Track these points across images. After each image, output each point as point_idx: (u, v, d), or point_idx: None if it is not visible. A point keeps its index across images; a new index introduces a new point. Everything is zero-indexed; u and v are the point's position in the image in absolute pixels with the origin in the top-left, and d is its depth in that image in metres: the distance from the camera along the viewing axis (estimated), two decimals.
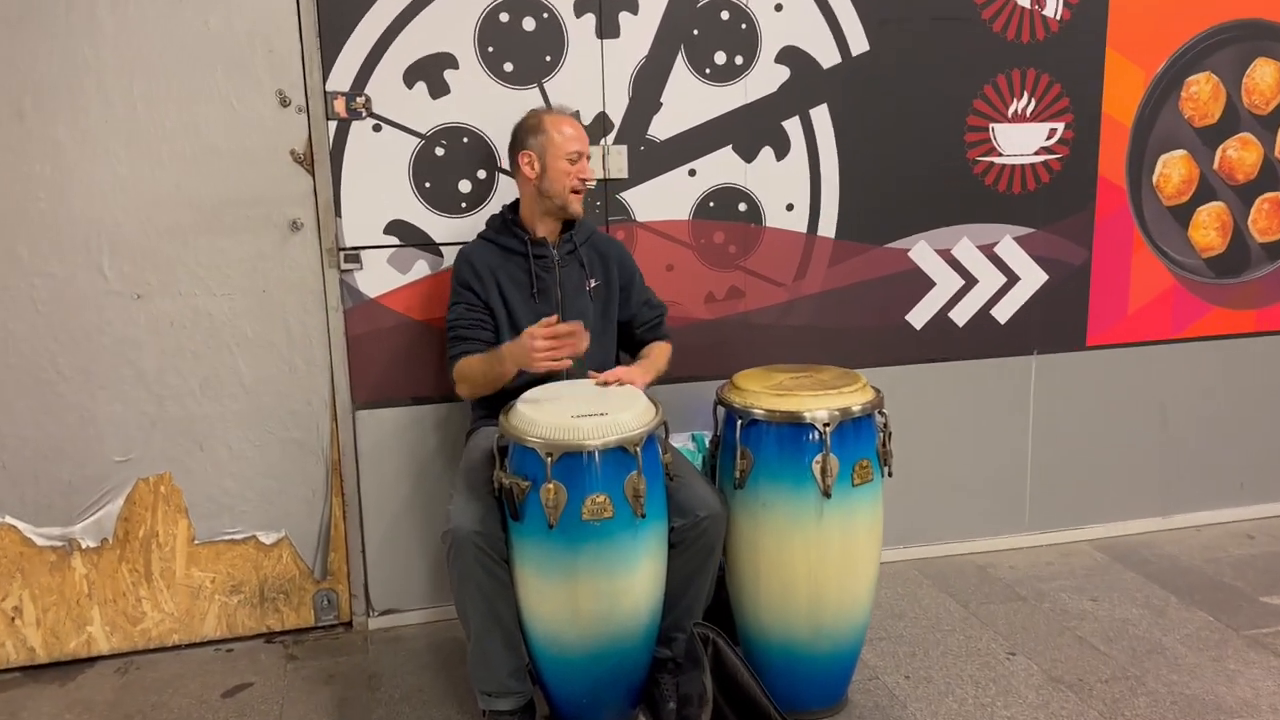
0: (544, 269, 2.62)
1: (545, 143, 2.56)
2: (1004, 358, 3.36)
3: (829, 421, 2.33)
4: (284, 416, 2.88)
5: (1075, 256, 3.34)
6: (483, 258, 2.63)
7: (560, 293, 2.63)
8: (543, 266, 2.62)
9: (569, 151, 2.55)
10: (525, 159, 2.58)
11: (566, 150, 2.55)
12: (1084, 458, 3.50)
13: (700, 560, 2.42)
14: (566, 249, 2.65)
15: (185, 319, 2.77)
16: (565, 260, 2.65)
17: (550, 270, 2.63)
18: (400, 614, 3.05)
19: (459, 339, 2.58)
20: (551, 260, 2.63)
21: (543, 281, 2.61)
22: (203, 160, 2.70)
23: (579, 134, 2.59)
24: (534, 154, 2.57)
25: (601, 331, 2.68)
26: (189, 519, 2.87)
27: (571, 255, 2.65)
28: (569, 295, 2.64)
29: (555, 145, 2.55)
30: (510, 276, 2.61)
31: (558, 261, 2.63)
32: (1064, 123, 3.24)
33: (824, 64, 3.03)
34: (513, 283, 2.61)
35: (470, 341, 2.56)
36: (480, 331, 2.58)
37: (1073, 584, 3.22)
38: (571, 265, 2.65)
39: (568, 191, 2.57)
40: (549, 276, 2.62)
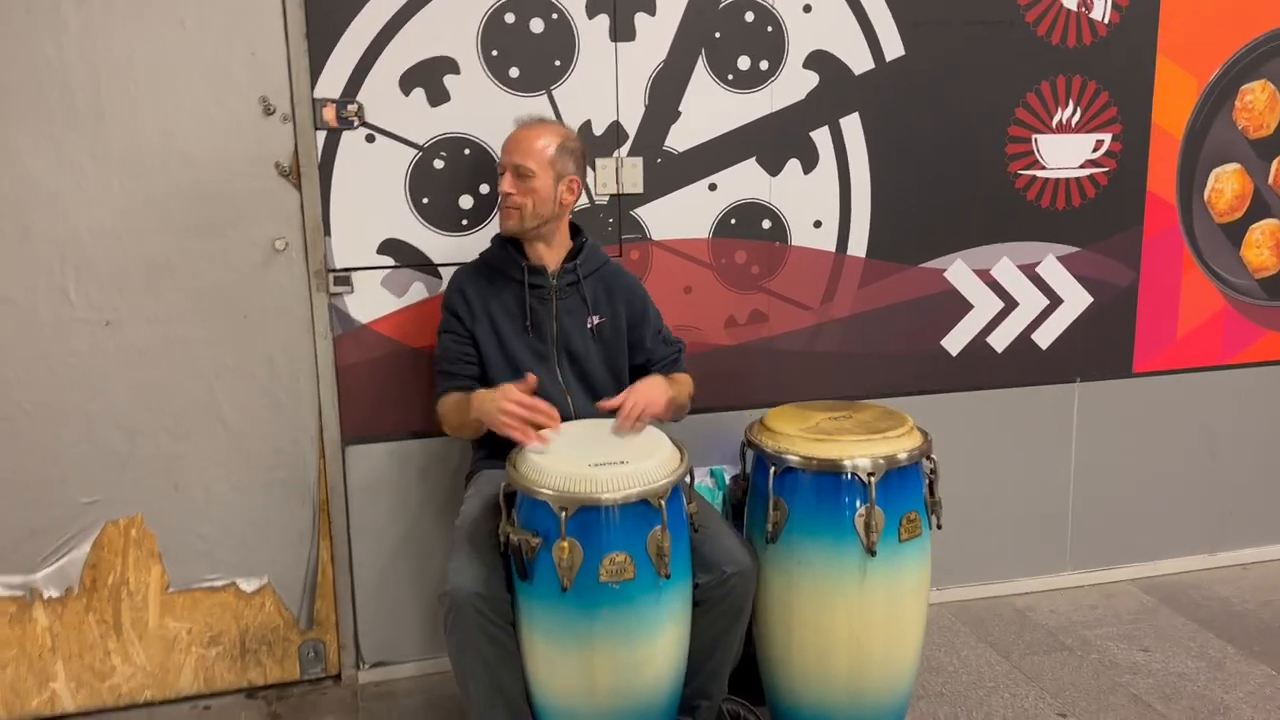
0: (539, 300, 2.38)
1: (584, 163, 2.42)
2: (1045, 385, 3.12)
3: (873, 471, 2.09)
4: (267, 454, 2.63)
5: (1122, 277, 3.11)
6: (475, 284, 2.40)
7: (556, 327, 2.39)
8: (538, 297, 2.38)
9: (500, 165, 2.36)
10: (575, 185, 2.40)
11: (501, 165, 2.37)
12: (1128, 492, 3.27)
13: (728, 621, 2.18)
14: (567, 279, 2.40)
15: (158, 348, 2.52)
16: (565, 292, 2.40)
17: (546, 302, 2.38)
18: (393, 666, 2.80)
19: (443, 374, 2.37)
20: (548, 290, 2.38)
21: (536, 315, 2.37)
22: (178, 173, 2.46)
23: (514, 143, 2.35)
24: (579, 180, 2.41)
25: (605, 373, 2.43)
26: (163, 565, 2.62)
27: (573, 287, 2.41)
28: (567, 331, 2.39)
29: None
30: (503, 306, 2.37)
31: (556, 292, 2.39)
32: (1111, 134, 3.01)
33: (855, 70, 2.79)
34: (505, 313, 2.37)
35: (453, 378, 2.35)
36: (464, 366, 2.35)
37: (1120, 631, 2.99)
38: (572, 298, 2.41)
39: (499, 208, 2.37)
40: (544, 309, 2.38)
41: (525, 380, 2.16)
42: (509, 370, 2.34)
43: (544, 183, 2.31)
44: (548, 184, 2.31)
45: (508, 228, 2.36)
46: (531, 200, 2.31)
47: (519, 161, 2.31)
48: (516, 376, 2.30)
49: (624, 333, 2.45)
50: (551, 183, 2.32)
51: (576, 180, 2.36)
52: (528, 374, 2.19)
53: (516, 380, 2.22)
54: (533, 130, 2.35)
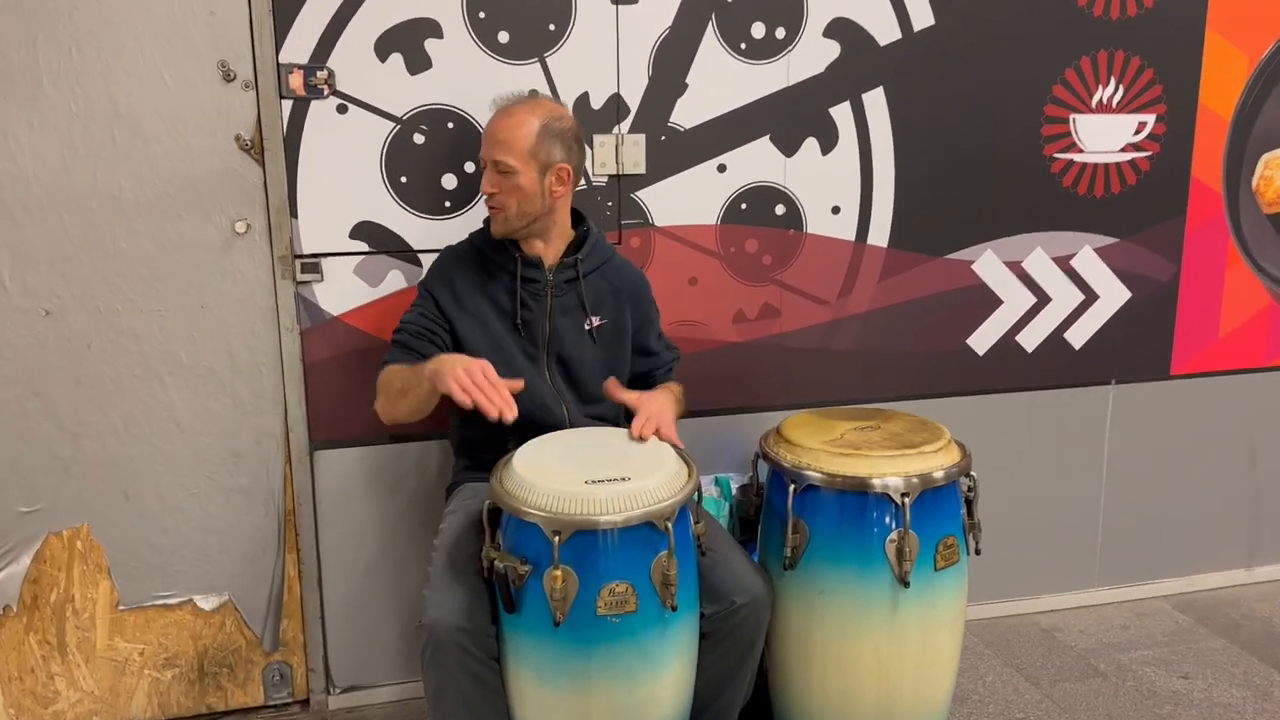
0: (532, 295, 2.12)
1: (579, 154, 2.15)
2: (1078, 388, 2.88)
3: (907, 491, 1.85)
4: (227, 458, 2.38)
5: (1163, 271, 2.87)
6: (463, 270, 2.14)
7: (549, 328, 2.13)
8: (531, 293, 2.12)
9: (480, 159, 2.10)
10: (564, 174, 2.12)
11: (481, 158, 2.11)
12: (1163, 502, 3.03)
13: (737, 656, 1.94)
14: (565, 276, 2.15)
15: (105, 341, 2.26)
16: (562, 289, 2.15)
17: (540, 299, 2.13)
18: (366, 691, 2.55)
19: (401, 345, 2.09)
20: (543, 286, 2.13)
21: (528, 311, 2.12)
22: (126, 147, 2.19)
23: (489, 133, 2.07)
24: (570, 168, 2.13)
25: (604, 378, 2.18)
26: (112, 580, 2.37)
27: (571, 285, 2.15)
28: (561, 334, 2.14)
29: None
30: (492, 299, 2.12)
31: (552, 289, 2.13)
32: (1155, 114, 2.76)
33: (880, 40, 2.53)
34: (494, 307, 2.12)
35: (409, 352, 2.07)
36: (426, 344, 2.08)
37: (1156, 655, 2.76)
38: (569, 296, 2.15)
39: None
40: (536, 306, 2.13)
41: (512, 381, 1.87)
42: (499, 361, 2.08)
43: (527, 178, 2.03)
44: (531, 178, 2.04)
45: (495, 230, 2.10)
46: (515, 200, 2.04)
47: (497, 157, 2.04)
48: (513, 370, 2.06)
49: (628, 337, 2.20)
50: (536, 176, 2.04)
51: (567, 168, 2.08)
52: (521, 379, 1.91)
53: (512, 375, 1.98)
54: (510, 117, 2.05)
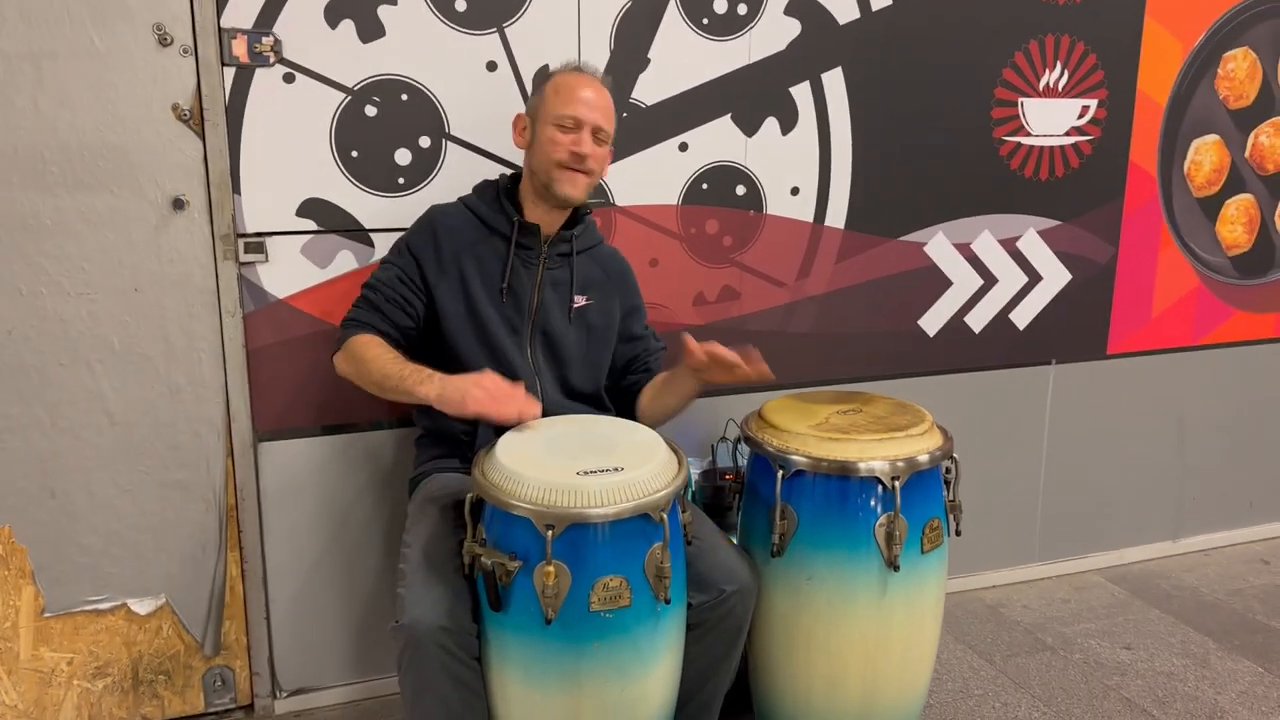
0: (525, 263, 2.04)
1: (539, 103, 2.00)
2: (1021, 368, 2.93)
3: (896, 475, 1.83)
4: (163, 452, 2.22)
5: (1101, 254, 2.93)
6: (454, 229, 2.04)
7: (537, 299, 2.05)
8: (523, 259, 2.04)
9: (561, 115, 1.96)
10: (520, 124, 2.05)
11: (559, 113, 1.97)
12: (1096, 479, 3.12)
13: (725, 646, 1.90)
14: (559, 249, 2.07)
15: (28, 326, 2.08)
16: (554, 262, 2.06)
17: (531, 266, 2.04)
18: (314, 693, 2.43)
19: (373, 308, 1.99)
20: (537, 255, 2.04)
21: (518, 277, 2.03)
22: (52, 115, 2.01)
23: (589, 98, 1.99)
24: (528, 117, 2.03)
25: (582, 360, 2.11)
26: (36, 585, 2.19)
27: (564, 259, 2.07)
28: (547, 306, 2.06)
29: (548, 105, 1.99)
30: (480, 262, 2.02)
31: (544, 259, 2.05)
32: (1097, 99, 2.81)
33: (840, 19, 2.51)
34: (480, 270, 2.02)
35: (382, 318, 1.98)
36: (399, 314, 1.99)
37: (1098, 627, 2.83)
38: (560, 270, 2.07)
39: (552, 165, 1.97)
40: (527, 274, 2.04)
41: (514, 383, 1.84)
42: (473, 336, 1.99)
43: (610, 151, 2.07)
44: (610, 154, 2.08)
45: (573, 195, 1.99)
46: (600, 168, 2.03)
47: (601, 124, 1.99)
48: (483, 343, 1.99)
49: (614, 324, 2.13)
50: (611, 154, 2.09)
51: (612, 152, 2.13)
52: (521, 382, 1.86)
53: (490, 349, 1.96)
54: (602, 88, 2.03)
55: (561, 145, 1.96)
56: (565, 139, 1.96)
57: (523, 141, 2.03)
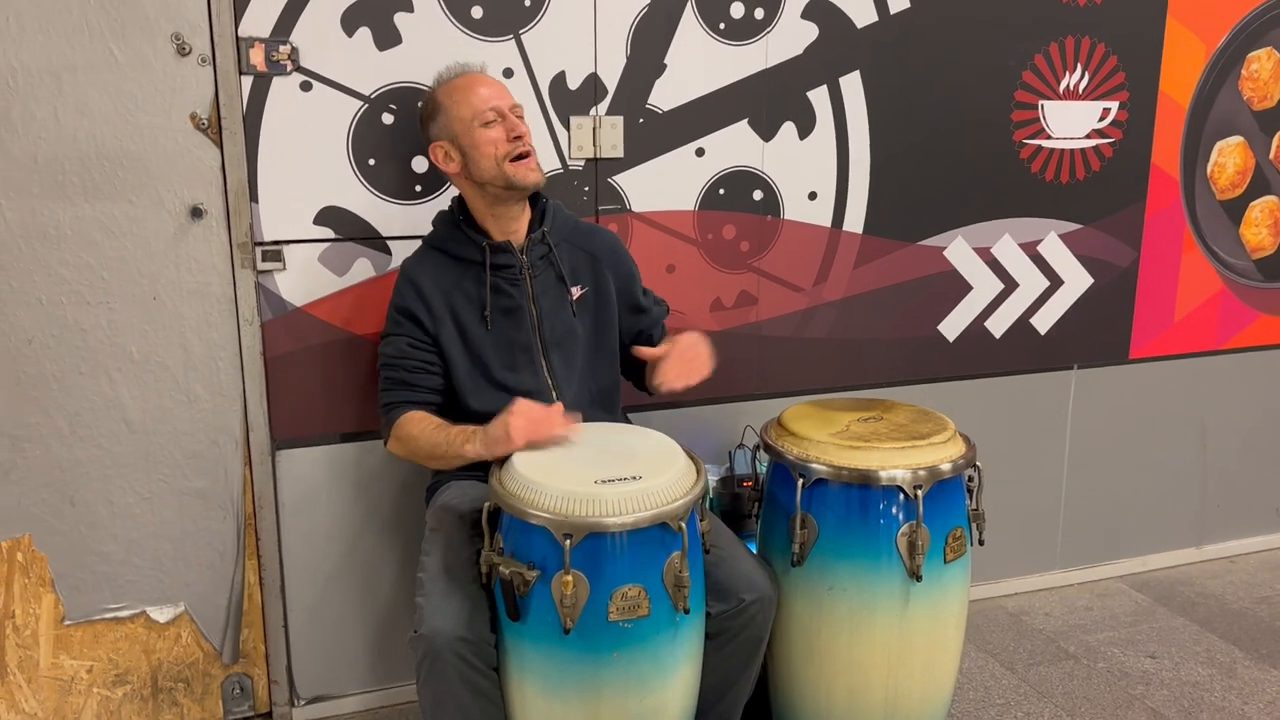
0: (510, 281, 2.02)
1: (447, 121, 1.98)
2: (1042, 373, 2.90)
3: (918, 484, 1.81)
4: (181, 460, 2.22)
5: (1123, 257, 2.90)
6: (432, 276, 2.01)
7: (536, 310, 2.03)
8: (508, 279, 2.02)
9: (480, 114, 1.95)
10: (439, 152, 2.01)
11: (476, 114, 1.95)
12: (1118, 485, 3.08)
13: (745, 655, 1.89)
14: (538, 253, 2.05)
15: (48, 335, 2.09)
16: (538, 267, 2.05)
17: (519, 283, 2.03)
18: (333, 701, 2.43)
19: (400, 384, 1.98)
20: (519, 269, 2.03)
21: (509, 299, 2.01)
22: (71, 125, 2.02)
23: (490, 89, 1.99)
24: (444, 142, 1.99)
25: (595, 352, 2.10)
26: (56, 593, 2.20)
27: (545, 260, 2.06)
28: (548, 313, 2.05)
29: (458, 114, 1.97)
30: (467, 296, 2.01)
31: (528, 270, 2.03)
32: (1118, 101, 2.78)
33: (858, 22, 2.49)
34: (470, 304, 2.01)
35: (414, 390, 1.98)
36: (426, 377, 1.98)
37: (1121, 635, 2.80)
38: (546, 273, 2.06)
39: (503, 163, 1.95)
40: (518, 292, 2.02)
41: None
42: (479, 373, 1.99)
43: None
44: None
45: (532, 180, 1.97)
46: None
47: (514, 102, 2.00)
48: (487, 380, 1.97)
49: (614, 301, 2.11)
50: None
51: None
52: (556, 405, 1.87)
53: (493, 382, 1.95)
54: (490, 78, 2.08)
55: (499, 139, 1.95)
56: (498, 132, 1.95)
57: (454, 166, 1.99)
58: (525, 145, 1.96)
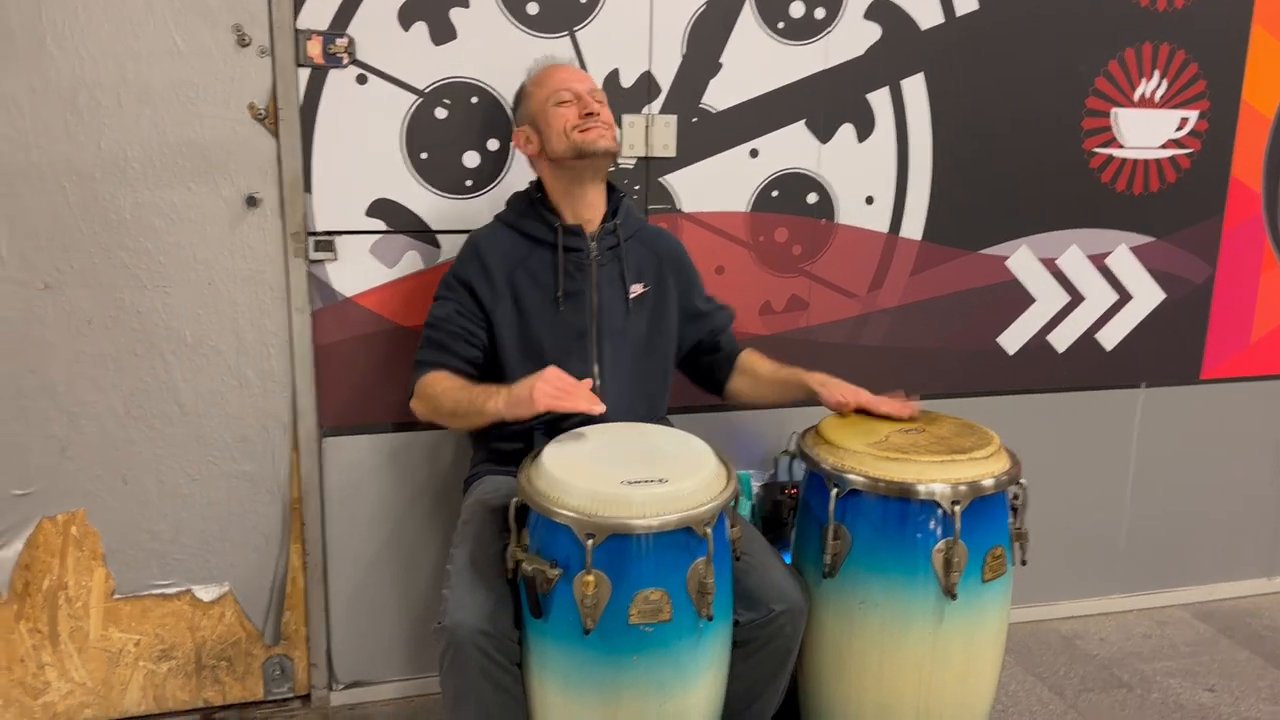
0: (577, 266, 2.02)
1: (530, 105, 2.04)
2: (1107, 390, 2.80)
3: (957, 499, 1.76)
4: (231, 443, 2.27)
5: (1198, 273, 2.79)
6: (499, 249, 2.03)
7: (597, 299, 2.03)
8: (575, 263, 2.02)
9: (556, 93, 1.99)
10: (520, 137, 2.05)
11: (552, 94, 2.00)
12: (1186, 509, 2.96)
13: (773, 666, 1.86)
14: (608, 243, 2.05)
15: (106, 317, 2.15)
16: (605, 257, 2.05)
17: (585, 269, 2.03)
18: (369, 687, 2.46)
19: (437, 346, 1.99)
20: (587, 255, 2.03)
21: (573, 282, 2.01)
22: (134, 113, 2.07)
23: (569, 73, 2.04)
24: (526, 126, 2.03)
25: (646, 351, 2.09)
26: (107, 568, 2.26)
27: (613, 251, 2.05)
28: (607, 305, 2.04)
29: (539, 99, 2.02)
30: (532, 275, 2.01)
31: (595, 257, 2.03)
32: (1197, 111, 2.68)
33: (922, 24, 2.43)
34: (534, 284, 2.01)
35: (450, 355, 1.98)
36: (465, 346, 1.99)
37: (1179, 665, 2.69)
38: (611, 264, 2.05)
39: (572, 133, 1.97)
40: (582, 277, 2.02)
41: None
42: (529, 355, 1.99)
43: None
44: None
45: (601, 144, 1.97)
46: (612, 121, 2.03)
47: (592, 86, 2.04)
48: (536, 362, 1.95)
49: (674, 306, 2.11)
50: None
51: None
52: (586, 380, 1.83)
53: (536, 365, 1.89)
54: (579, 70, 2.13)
55: (569, 115, 1.98)
56: (571, 110, 1.98)
57: (533, 148, 2.02)
58: (596, 122, 1.98)
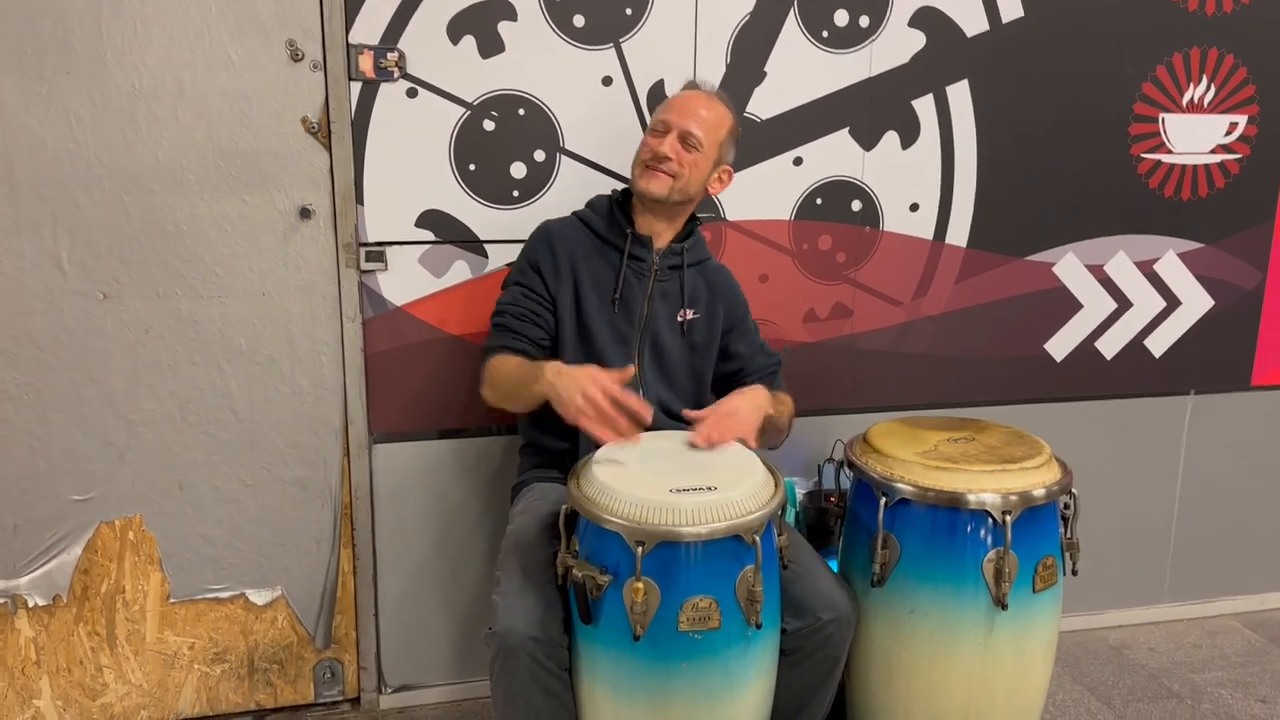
0: (636, 274, 2.05)
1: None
2: (1156, 397, 2.78)
3: (1008, 509, 1.75)
4: (284, 449, 2.31)
5: (1248, 279, 2.76)
6: (569, 240, 2.06)
7: (647, 310, 2.05)
8: (636, 271, 2.05)
9: (655, 120, 2.03)
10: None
11: (655, 121, 2.03)
12: (1237, 517, 2.93)
13: (821, 675, 1.86)
14: (670, 261, 2.07)
15: (164, 326, 2.20)
16: (665, 274, 2.07)
17: (644, 278, 2.05)
18: (418, 691, 2.49)
19: (504, 329, 2.01)
20: (649, 266, 2.05)
21: (630, 288, 2.04)
22: (190, 127, 2.12)
23: (686, 105, 2.03)
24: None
25: (686, 374, 2.10)
26: (163, 572, 2.31)
27: (674, 271, 2.07)
28: (656, 318, 2.06)
29: (653, 117, 2.04)
30: (593, 273, 2.04)
31: (656, 271, 2.05)
32: (1247, 115, 2.65)
33: (968, 31, 2.43)
34: (594, 281, 2.04)
35: (515, 336, 2.00)
36: (531, 327, 2.01)
37: (1230, 676, 2.66)
38: (670, 282, 2.08)
39: (638, 164, 2.02)
40: (639, 285, 2.05)
41: (623, 371, 1.79)
42: (581, 346, 2.01)
43: (706, 161, 2.02)
44: (707, 165, 2.03)
45: (652, 190, 2.00)
46: (688, 173, 2.01)
47: (691, 129, 2.00)
48: (588, 354, 1.99)
49: (718, 338, 2.12)
50: (710, 166, 2.04)
51: (730, 171, 2.11)
52: (629, 366, 1.83)
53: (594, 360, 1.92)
54: (710, 102, 2.05)
55: (647, 146, 2.00)
56: (652, 141, 2.00)
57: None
58: (662, 164, 1.99)
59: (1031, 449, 1.89)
